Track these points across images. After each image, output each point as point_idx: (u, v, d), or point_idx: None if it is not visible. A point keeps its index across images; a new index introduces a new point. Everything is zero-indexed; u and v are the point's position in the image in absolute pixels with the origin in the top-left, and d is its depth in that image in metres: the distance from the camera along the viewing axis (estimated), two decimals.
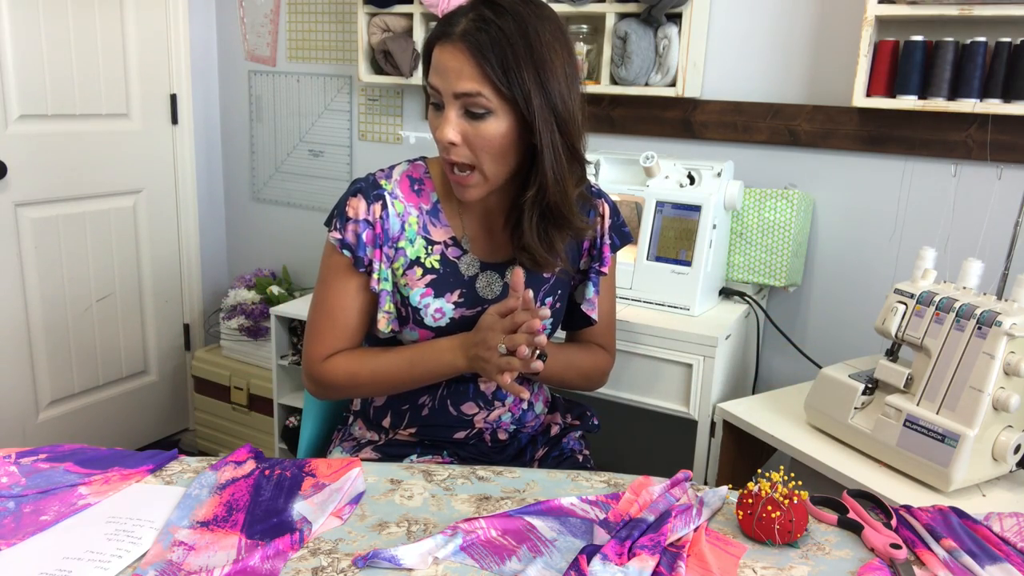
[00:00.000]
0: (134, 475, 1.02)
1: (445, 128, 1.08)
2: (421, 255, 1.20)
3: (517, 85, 1.06)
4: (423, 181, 1.23)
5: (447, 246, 1.21)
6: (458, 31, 1.06)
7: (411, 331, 1.20)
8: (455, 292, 1.20)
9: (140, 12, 2.55)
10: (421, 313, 1.19)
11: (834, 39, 1.88)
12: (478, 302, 1.21)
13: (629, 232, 1.35)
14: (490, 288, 1.23)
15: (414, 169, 1.23)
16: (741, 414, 1.51)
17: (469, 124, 1.08)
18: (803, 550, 0.92)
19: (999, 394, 1.17)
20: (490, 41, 1.05)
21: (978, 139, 1.73)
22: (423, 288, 1.19)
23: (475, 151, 1.09)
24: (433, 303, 1.19)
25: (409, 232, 1.19)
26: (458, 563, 0.87)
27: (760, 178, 1.99)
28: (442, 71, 1.07)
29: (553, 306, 1.26)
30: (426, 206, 1.21)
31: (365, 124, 2.62)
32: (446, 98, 1.08)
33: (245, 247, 3.00)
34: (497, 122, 1.08)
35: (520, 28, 1.06)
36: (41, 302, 2.42)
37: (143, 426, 2.81)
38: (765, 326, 2.01)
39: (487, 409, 1.27)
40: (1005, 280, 1.49)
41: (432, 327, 1.19)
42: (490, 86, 1.06)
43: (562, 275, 1.27)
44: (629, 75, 1.97)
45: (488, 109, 1.07)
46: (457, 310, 1.20)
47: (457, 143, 1.09)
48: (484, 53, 1.05)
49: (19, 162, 2.29)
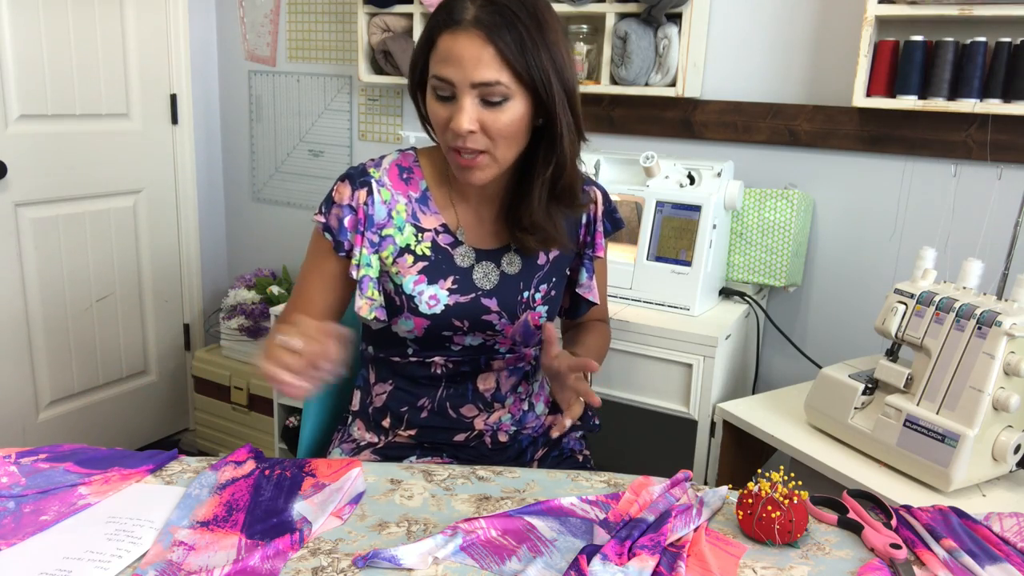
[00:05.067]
0: (134, 475, 1.02)
1: (461, 119, 1.05)
2: (411, 242, 1.19)
3: (536, 69, 1.04)
4: (412, 170, 1.22)
5: (438, 233, 1.20)
6: (468, 17, 1.03)
7: (406, 320, 1.19)
8: (448, 279, 1.19)
9: (140, 12, 2.55)
10: (415, 300, 1.18)
11: (834, 39, 1.88)
12: (472, 288, 1.20)
13: (621, 218, 1.36)
14: (487, 278, 1.21)
15: (404, 158, 1.23)
16: (741, 414, 1.51)
17: (486, 112, 1.06)
18: (803, 550, 0.92)
19: (999, 394, 1.17)
20: (505, 25, 1.03)
21: (978, 139, 1.73)
22: (416, 275, 1.18)
23: (491, 137, 1.07)
24: (427, 290, 1.18)
25: (397, 220, 1.19)
26: (458, 563, 0.87)
27: (760, 178, 1.99)
28: (456, 60, 1.04)
29: (548, 293, 1.26)
30: (415, 194, 1.21)
31: (365, 124, 2.62)
32: (461, 88, 1.05)
33: (245, 247, 3.00)
34: (514, 107, 1.06)
35: (527, 9, 1.05)
36: (41, 302, 2.42)
37: (143, 426, 2.81)
38: (765, 326, 2.01)
39: (487, 411, 1.26)
40: (1005, 280, 1.49)
41: (427, 315, 1.18)
42: (509, 72, 1.04)
43: (557, 262, 1.27)
44: (629, 75, 1.97)
45: (506, 96, 1.05)
46: (451, 296, 1.19)
47: (475, 132, 1.06)
48: (503, 39, 1.02)
49: (19, 162, 2.29)
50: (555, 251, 1.25)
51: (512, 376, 1.28)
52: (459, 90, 1.05)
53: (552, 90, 1.06)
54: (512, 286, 1.22)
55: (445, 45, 1.05)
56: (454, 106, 1.07)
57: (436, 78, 1.07)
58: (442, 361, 1.23)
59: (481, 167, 1.10)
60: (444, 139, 1.11)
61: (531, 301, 1.23)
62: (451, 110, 1.07)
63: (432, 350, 1.23)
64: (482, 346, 1.23)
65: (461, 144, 1.08)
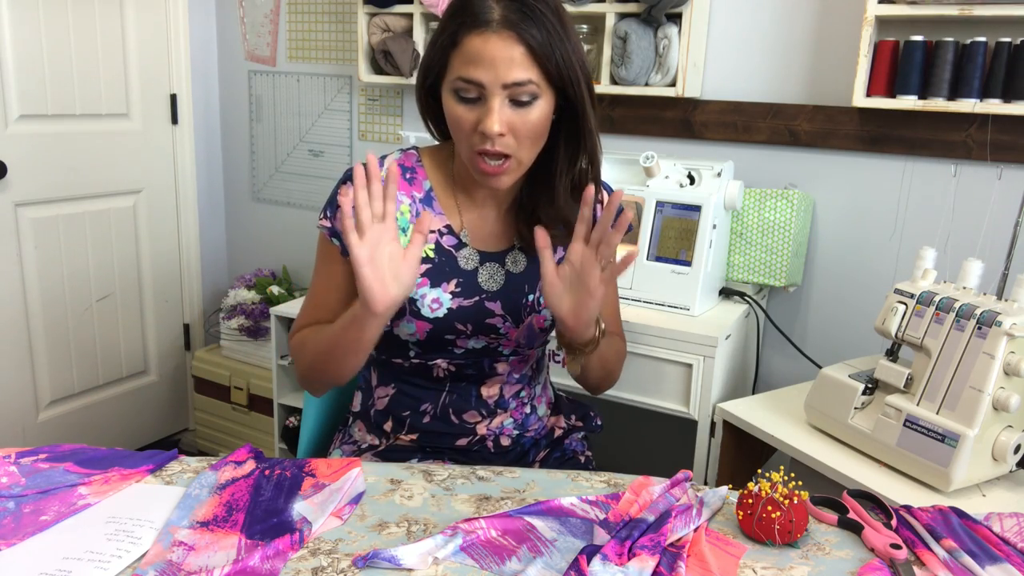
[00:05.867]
0: (134, 475, 1.02)
1: (491, 121, 1.03)
2: None
3: (564, 66, 1.04)
4: (415, 170, 1.21)
5: (442, 235, 1.19)
6: (496, 17, 1.02)
7: (408, 323, 1.18)
8: (451, 282, 1.18)
9: (140, 12, 2.55)
10: (418, 303, 1.16)
11: (834, 39, 1.88)
12: (476, 291, 1.19)
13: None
14: (493, 279, 1.20)
15: (406, 158, 1.22)
16: (741, 414, 1.51)
17: (514, 113, 1.05)
18: (803, 550, 0.92)
19: (999, 394, 1.17)
20: (534, 24, 1.02)
21: (978, 139, 1.73)
22: (419, 278, 1.17)
23: (518, 139, 1.06)
24: (430, 293, 1.17)
25: (401, 221, 1.17)
26: (458, 563, 0.87)
27: (760, 178, 1.99)
28: (488, 62, 1.02)
29: None
30: (419, 194, 1.19)
31: (365, 124, 2.62)
32: (492, 89, 1.03)
33: (245, 247, 3.00)
34: (541, 106, 1.06)
35: (550, 5, 1.04)
36: (41, 302, 2.42)
37: (143, 426, 2.81)
38: (765, 326, 2.01)
39: (489, 417, 1.26)
40: (1005, 280, 1.49)
41: (429, 318, 1.17)
42: (539, 70, 1.04)
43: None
44: (629, 75, 1.97)
45: (535, 95, 1.05)
46: (455, 300, 1.17)
47: (505, 134, 1.05)
48: (533, 37, 1.02)
49: (19, 162, 2.29)
50: (560, 252, 1.24)
51: (516, 384, 1.27)
52: (489, 91, 1.03)
53: (580, 86, 1.07)
54: (517, 287, 1.21)
55: (474, 46, 1.03)
56: (481, 108, 1.05)
57: (463, 80, 1.04)
58: (444, 364, 1.22)
59: (507, 172, 1.09)
60: (470, 142, 1.08)
61: (536, 304, 1.22)
62: (477, 112, 1.05)
63: (434, 353, 1.21)
64: (485, 348, 1.22)
65: (489, 147, 1.06)
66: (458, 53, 1.05)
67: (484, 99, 1.04)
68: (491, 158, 1.07)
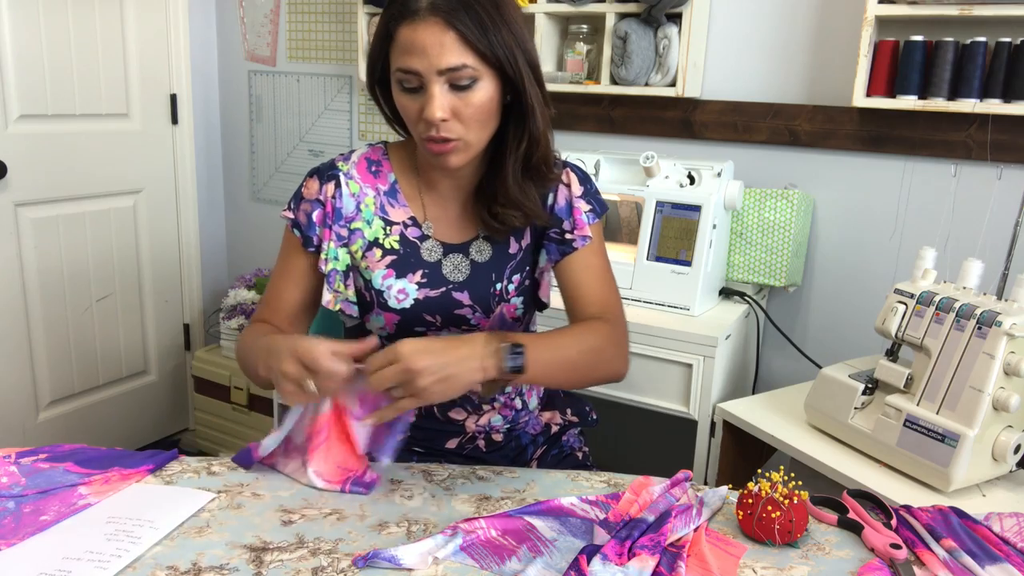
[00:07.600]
0: (134, 475, 1.02)
1: (432, 107, 1.05)
2: (379, 236, 1.19)
3: (500, 47, 1.05)
4: (380, 163, 1.22)
5: (406, 226, 1.20)
6: (424, 6, 1.03)
7: (377, 316, 1.19)
8: (417, 272, 1.19)
9: (140, 12, 2.55)
10: (384, 295, 1.18)
11: (834, 39, 1.88)
12: (442, 282, 1.19)
13: (603, 200, 1.29)
14: (458, 270, 1.20)
15: (373, 151, 1.23)
16: (741, 414, 1.51)
17: (456, 97, 1.06)
18: (803, 550, 0.92)
19: (999, 394, 1.17)
20: (462, 7, 1.03)
21: (978, 139, 1.73)
22: (384, 270, 1.18)
23: (464, 122, 1.07)
24: (395, 284, 1.18)
25: (366, 213, 1.19)
26: (458, 563, 0.87)
27: (760, 178, 1.99)
28: (420, 50, 1.04)
29: (521, 283, 1.24)
30: (383, 187, 1.21)
31: (365, 124, 2.62)
32: (428, 77, 1.05)
33: (245, 247, 3.00)
34: (483, 88, 1.06)
35: None
36: (41, 302, 2.42)
37: (143, 426, 2.81)
38: (765, 326, 2.01)
39: (476, 413, 1.26)
40: (1005, 280, 1.49)
41: (396, 309, 1.18)
42: (473, 54, 1.04)
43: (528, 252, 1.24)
44: (629, 75, 1.97)
45: (474, 78, 1.05)
46: (421, 291, 1.18)
47: (448, 119, 1.06)
48: (462, 21, 1.03)
49: (19, 162, 2.29)
50: (527, 239, 1.23)
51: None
52: (426, 79, 1.05)
53: (518, 65, 1.07)
54: (484, 277, 1.21)
55: (405, 37, 1.05)
56: (423, 96, 1.06)
57: (401, 71, 1.06)
58: None
59: (456, 151, 1.10)
60: (417, 131, 1.10)
61: (504, 293, 1.22)
62: (420, 101, 1.07)
63: None
64: None
65: (435, 133, 1.07)
66: (394, 45, 1.07)
67: (424, 87, 1.06)
68: (440, 140, 1.08)
